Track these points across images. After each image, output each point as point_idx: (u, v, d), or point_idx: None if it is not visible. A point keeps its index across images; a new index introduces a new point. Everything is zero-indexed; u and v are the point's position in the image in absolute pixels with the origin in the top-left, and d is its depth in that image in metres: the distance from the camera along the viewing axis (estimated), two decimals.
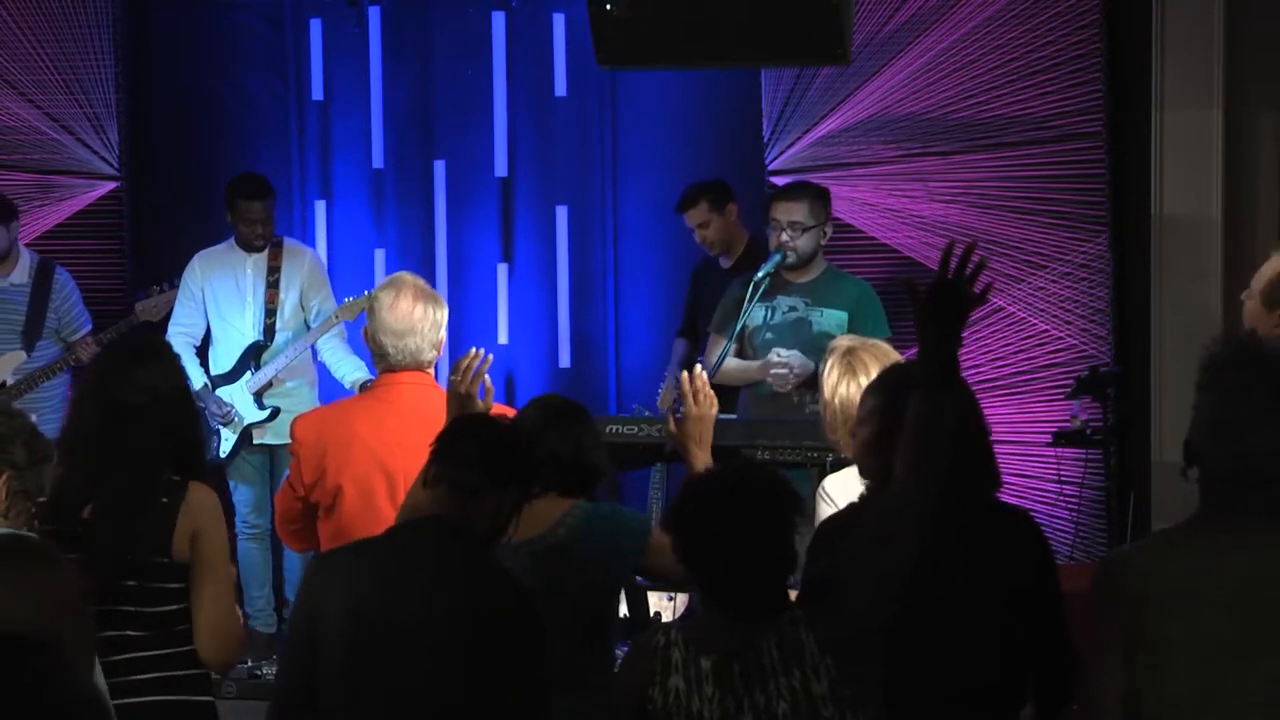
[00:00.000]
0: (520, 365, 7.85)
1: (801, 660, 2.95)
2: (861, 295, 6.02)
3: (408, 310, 4.44)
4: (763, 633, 2.98)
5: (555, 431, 3.85)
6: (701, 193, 6.96)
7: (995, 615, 3.35)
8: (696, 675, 2.99)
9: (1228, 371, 3.00)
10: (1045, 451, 6.64)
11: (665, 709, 2.99)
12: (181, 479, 3.84)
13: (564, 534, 3.76)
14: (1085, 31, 6.79)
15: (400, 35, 7.90)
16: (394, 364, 4.46)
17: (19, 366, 7.14)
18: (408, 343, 4.44)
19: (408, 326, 4.43)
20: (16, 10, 7.66)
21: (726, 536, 3.00)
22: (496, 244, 7.89)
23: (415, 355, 4.45)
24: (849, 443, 4.00)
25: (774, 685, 2.95)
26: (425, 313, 4.45)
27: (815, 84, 7.10)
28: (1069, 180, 6.88)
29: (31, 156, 7.76)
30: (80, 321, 7.33)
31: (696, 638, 3.03)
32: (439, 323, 4.48)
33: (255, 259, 7.19)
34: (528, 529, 3.73)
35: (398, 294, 4.47)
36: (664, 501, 6.63)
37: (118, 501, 3.79)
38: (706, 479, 3.19)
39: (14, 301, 7.21)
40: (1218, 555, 2.93)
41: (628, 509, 3.99)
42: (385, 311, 4.45)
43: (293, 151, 7.99)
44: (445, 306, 4.55)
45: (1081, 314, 6.87)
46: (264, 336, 7.15)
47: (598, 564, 3.76)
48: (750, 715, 2.95)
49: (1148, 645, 2.93)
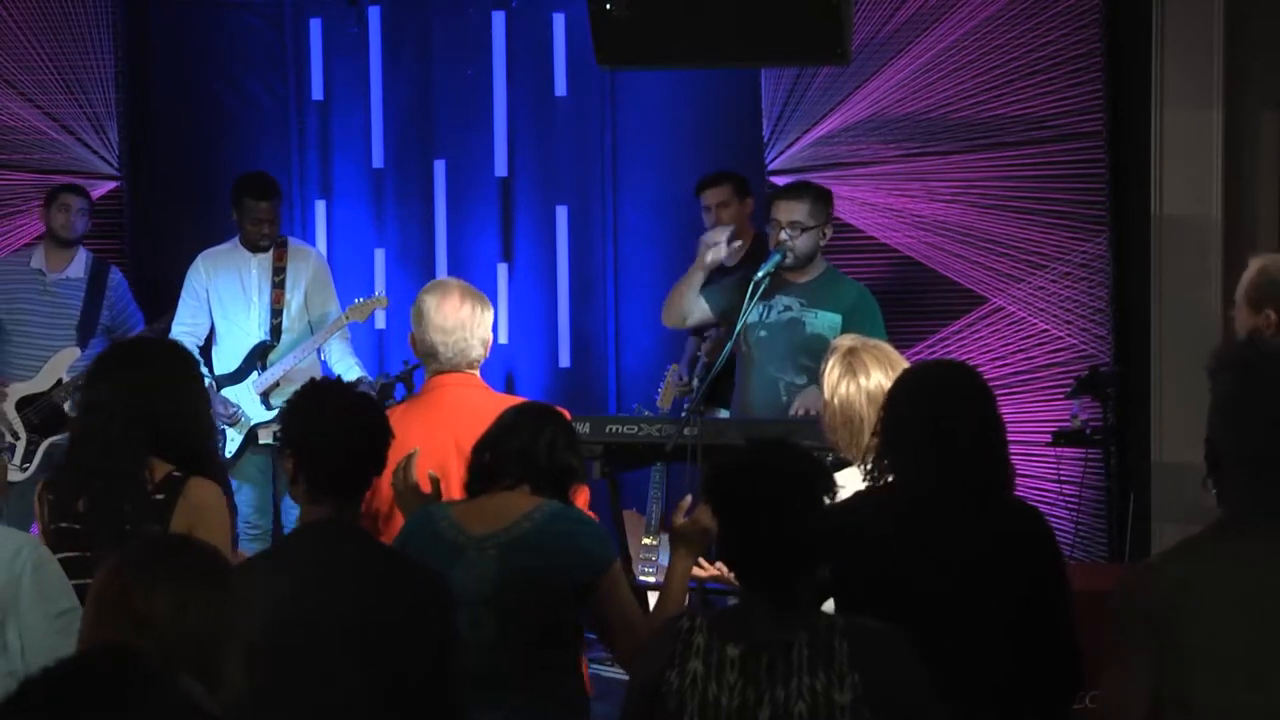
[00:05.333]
0: (520, 365, 7.86)
1: (830, 666, 2.93)
2: (858, 299, 6.01)
3: (455, 308, 4.48)
4: (795, 629, 2.97)
5: (528, 430, 3.86)
6: (728, 176, 6.95)
7: (1006, 613, 3.37)
8: (719, 662, 2.97)
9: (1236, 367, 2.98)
10: (1045, 451, 6.63)
11: (680, 691, 2.97)
12: (183, 474, 3.82)
13: (528, 527, 3.75)
14: (1085, 31, 6.79)
15: (400, 35, 7.90)
16: (444, 363, 4.49)
17: (73, 364, 7.16)
18: (457, 339, 4.47)
19: (456, 323, 4.47)
20: (16, 10, 7.66)
21: (763, 499, 3.00)
22: (496, 244, 7.90)
23: (465, 353, 4.48)
24: (849, 442, 4.02)
25: (797, 684, 2.93)
26: (473, 311, 4.50)
27: (815, 84, 7.10)
28: (1069, 180, 6.88)
29: (31, 156, 7.77)
30: (134, 321, 7.37)
31: (725, 626, 3.02)
32: (486, 321, 4.53)
33: (260, 259, 7.19)
34: (494, 521, 3.75)
35: (444, 294, 4.52)
36: (664, 501, 6.63)
37: (106, 499, 3.79)
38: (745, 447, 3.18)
39: (70, 296, 7.24)
40: (1241, 562, 2.91)
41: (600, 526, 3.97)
42: (433, 312, 4.49)
43: (293, 151, 7.99)
44: (491, 307, 4.58)
45: (1081, 314, 6.87)
46: (271, 336, 7.14)
47: (557, 563, 3.73)
48: (769, 710, 2.93)
49: (1172, 655, 2.90)
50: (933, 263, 7.05)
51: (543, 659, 3.72)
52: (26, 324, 7.20)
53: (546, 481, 3.83)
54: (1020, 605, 3.39)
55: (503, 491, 3.80)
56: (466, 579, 3.68)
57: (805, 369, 5.75)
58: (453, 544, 3.74)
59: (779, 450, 3.10)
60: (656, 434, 5.49)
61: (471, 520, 3.78)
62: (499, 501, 3.79)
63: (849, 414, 4.00)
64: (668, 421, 5.73)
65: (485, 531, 3.73)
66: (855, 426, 3.99)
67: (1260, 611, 2.87)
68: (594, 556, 3.78)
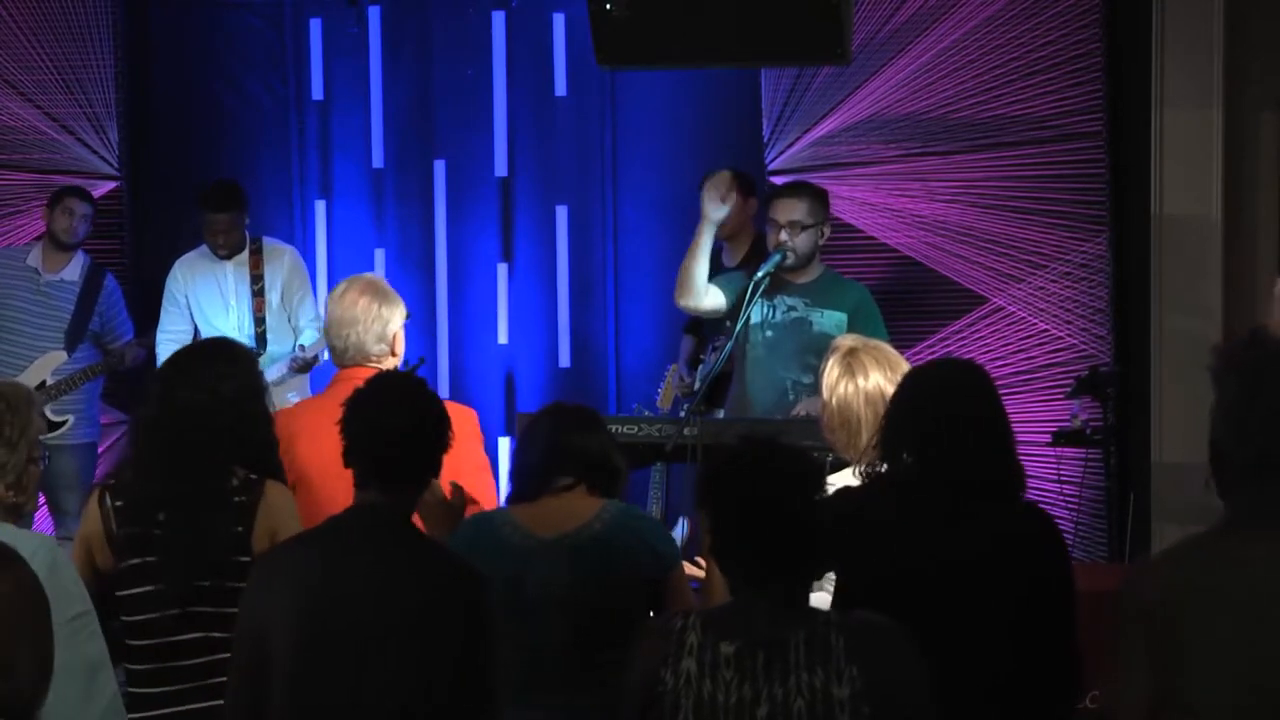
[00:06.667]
0: (520, 365, 7.85)
1: (827, 662, 2.92)
2: (860, 299, 6.01)
3: (351, 302, 4.51)
4: (792, 626, 2.95)
5: (582, 431, 3.87)
6: (734, 173, 6.94)
7: (1007, 613, 3.37)
8: (713, 659, 2.95)
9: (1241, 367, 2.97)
10: (1045, 451, 6.63)
11: (675, 691, 2.96)
12: (259, 478, 3.85)
13: (599, 528, 3.75)
14: (1085, 31, 6.80)
15: (400, 35, 7.90)
16: (341, 357, 4.52)
17: (58, 368, 7.16)
18: (349, 333, 4.48)
19: (350, 317, 4.49)
20: (16, 10, 7.67)
21: (756, 496, 2.99)
22: (496, 244, 7.89)
23: (361, 347, 4.49)
24: (846, 443, 4.02)
25: (794, 681, 2.92)
26: (369, 305, 4.50)
27: (815, 84, 7.10)
28: (1069, 180, 6.88)
29: (31, 156, 7.77)
30: (123, 329, 7.36)
31: (719, 623, 3.00)
32: (384, 318, 4.51)
33: (235, 263, 7.23)
34: (562, 522, 3.74)
35: (345, 289, 4.55)
36: (664, 501, 6.63)
37: (189, 502, 3.79)
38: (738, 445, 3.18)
39: (63, 298, 7.24)
40: (1244, 563, 2.90)
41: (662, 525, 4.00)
42: (332, 304, 4.54)
43: (293, 151, 7.98)
44: (399, 305, 4.56)
45: (1081, 314, 6.87)
46: (257, 345, 7.15)
47: (632, 560, 3.74)
48: (767, 707, 2.91)
49: (1173, 656, 2.90)
50: (933, 263, 7.05)
51: (608, 658, 3.72)
52: (16, 322, 7.20)
53: (603, 480, 3.84)
54: (1022, 605, 3.39)
55: (562, 493, 3.79)
56: (539, 582, 3.69)
57: (812, 368, 5.73)
58: (521, 548, 3.73)
59: (772, 449, 3.09)
60: (656, 434, 5.48)
61: (537, 524, 3.77)
62: (563, 503, 3.78)
63: (846, 415, 4.01)
64: (668, 421, 5.73)
65: (555, 534, 3.73)
66: (853, 427, 3.99)
67: (1262, 613, 2.87)
68: (664, 554, 3.81)
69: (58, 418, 7.07)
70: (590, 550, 3.72)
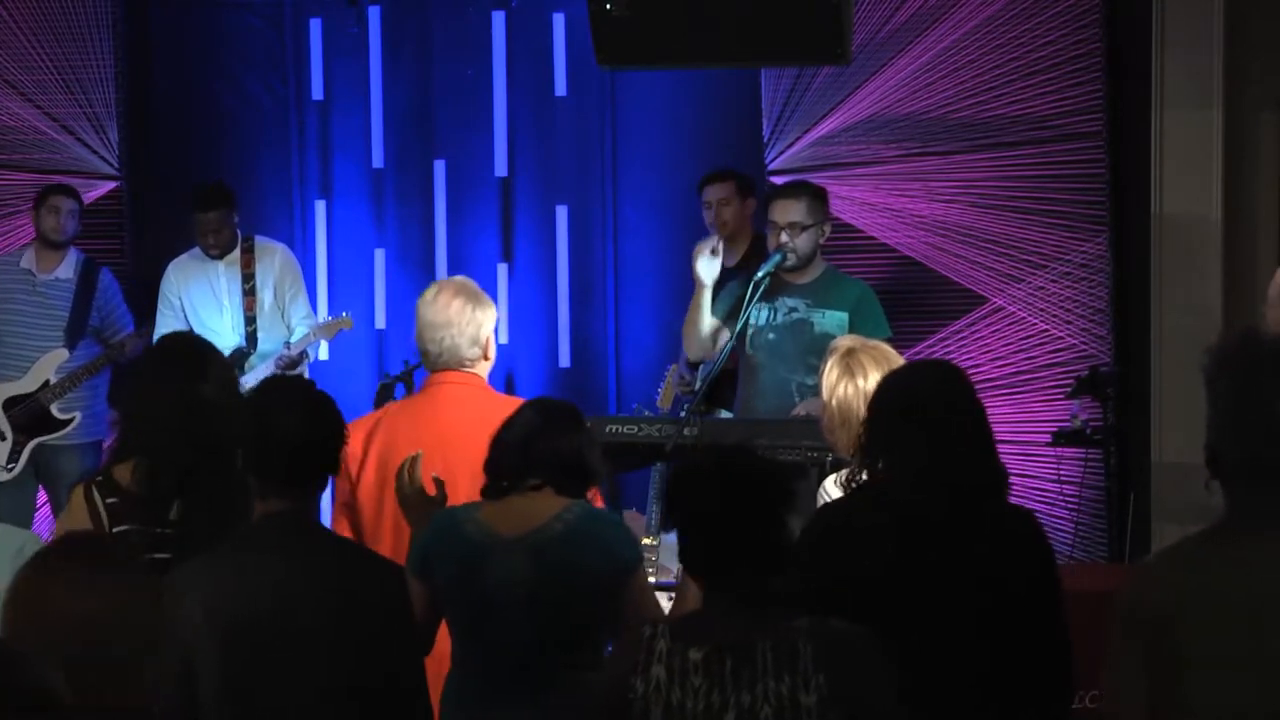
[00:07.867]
0: (520, 365, 7.85)
1: (794, 669, 2.92)
2: (862, 296, 6.02)
3: (445, 304, 4.43)
4: (759, 632, 2.95)
5: (556, 431, 3.84)
6: (732, 174, 6.95)
7: (994, 615, 3.36)
8: (681, 666, 2.95)
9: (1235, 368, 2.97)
10: (1045, 451, 6.63)
11: (645, 698, 2.95)
12: None
13: (560, 529, 3.74)
14: (1085, 31, 6.79)
15: (400, 35, 7.90)
16: (434, 361, 4.45)
17: (61, 365, 7.17)
18: (443, 336, 4.41)
19: (444, 320, 4.41)
20: (16, 10, 7.67)
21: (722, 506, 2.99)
22: (496, 244, 7.89)
23: (454, 351, 4.42)
24: (847, 443, 4.02)
25: (762, 688, 2.91)
26: (464, 308, 4.43)
27: (815, 84, 7.10)
28: (1068, 180, 6.88)
29: (31, 156, 7.77)
30: (123, 322, 7.36)
31: (687, 630, 3.00)
32: (480, 320, 4.45)
33: (226, 263, 7.25)
34: (525, 522, 3.74)
35: (438, 291, 4.48)
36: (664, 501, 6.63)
37: (206, 498, 3.78)
38: (704, 454, 3.19)
39: (59, 297, 7.24)
40: (1243, 566, 2.89)
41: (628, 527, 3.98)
42: (424, 306, 4.45)
43: (293, 151, 7.99)
44: (491, 308, 4.52)
45: (1081, 314, 6.87)
46: (247, 343, 7.18)
47: (592, 563, 3.73)
48: (734, 714, 2.91)
49: (1172, 658, 2.89)
50: (933, 263, 7.05)
51: (571, 659, 3.72)
52: (15, 324, 7.21)
53: (572, 482, 3.83)
54: (1012, 606, 3.37)
55: (529, 493, 3.79)
56: (498, 581, 3.69)
57: (815, 369, 5.74)
58: (481, 546, 3.73)
59: (737, 456, 3.10)
60: (656, 434, 5.48)
61: (499, 522, 3.76)
62: (527, 503, 3.77)
63: (846, 415, 4.01)
64: (668, 421, 5.73)
65: (515, 533, 3.72)
66: (853, 428, 3.98)
67: (1261, 614, 2.86)
68: (625, 557, 3.79)
69: (64, 415, 7.10)
70: (550, 551, 3.72)
